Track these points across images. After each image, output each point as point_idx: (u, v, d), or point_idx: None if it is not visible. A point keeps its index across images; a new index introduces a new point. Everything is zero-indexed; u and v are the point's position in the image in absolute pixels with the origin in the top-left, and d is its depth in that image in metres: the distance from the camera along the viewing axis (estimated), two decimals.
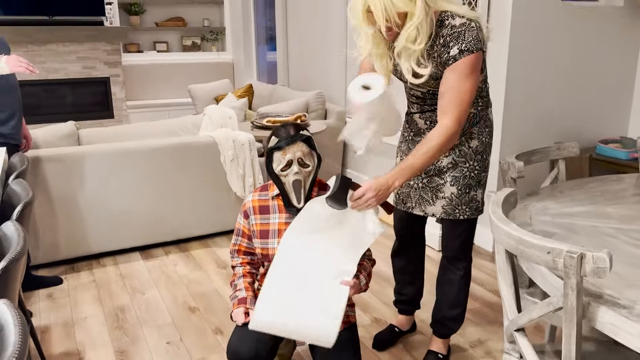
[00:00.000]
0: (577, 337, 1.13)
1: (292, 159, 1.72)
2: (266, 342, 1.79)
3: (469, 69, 1.70)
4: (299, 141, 1.73)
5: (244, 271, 1.91)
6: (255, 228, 1.88)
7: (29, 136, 2.80)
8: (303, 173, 1.75)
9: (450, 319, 2.12)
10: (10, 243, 1.19)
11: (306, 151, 1.74)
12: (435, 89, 1.82)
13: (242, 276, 1.89)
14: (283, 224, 1.84)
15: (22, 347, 0.77)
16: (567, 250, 1.07)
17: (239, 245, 1.94)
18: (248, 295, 1.83)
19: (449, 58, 1.70)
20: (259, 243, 1.88)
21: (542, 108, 3.20)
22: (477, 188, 1.97)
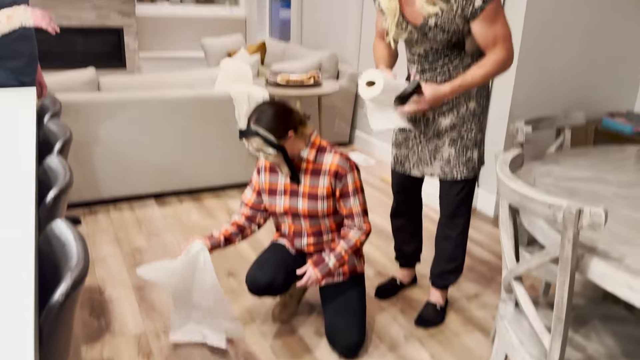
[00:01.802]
0: (570, 285, 1.24)
1: (252, 150, 1.88)
2: (281, 273, 2.00)
3: (494, 13, 1.83)
4: (251, 137, 1.84)
5: (237, 221, 2.09)
6: (265, 186, 2.05)
7: (43, 83, 2.84)
8: (270, 157, 1.88)
9: (448, 271, 2.25)
10: (57, 175, 1.30)
11: (260, 143, 1.84)
12: (440, 45, 1.93)
13: (231, 224, 2.08)
14: (288, 185, 2.00)
15: (85, 257, 0.89)
16: (566, 205, 1.18)
17: (247, 199, 2.12)
18: (218, 237, 2.01)
19: (475, 10, 1.81)
20: (267, 199, 2.06)
21: (553, 77, 3.25)
22: (474, 149, 2.07)
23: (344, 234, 2.01)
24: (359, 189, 1.98)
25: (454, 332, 2.21)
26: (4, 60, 2.39)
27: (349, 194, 1.96)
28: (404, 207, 2.33)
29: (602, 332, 1.52)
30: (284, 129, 1.87)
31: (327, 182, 1.96)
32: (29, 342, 0.68)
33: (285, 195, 2.02)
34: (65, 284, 0.80)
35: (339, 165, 1.94)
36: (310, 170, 1.98)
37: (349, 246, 1.98)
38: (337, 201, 1.99)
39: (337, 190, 1.96)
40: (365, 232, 2.00)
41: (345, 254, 1.98)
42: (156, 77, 3.55)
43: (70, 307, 0.82)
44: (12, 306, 0.77)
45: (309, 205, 1.99)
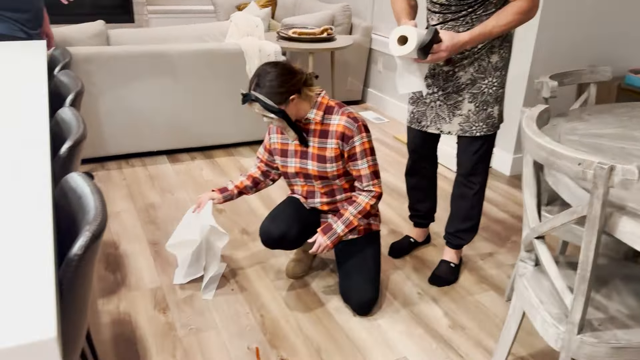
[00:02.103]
0: (597, 244, 1.21)
1: (257, 114, 1.86)
2: (295, 226, 2.00)
3: None
4: (251, 102, 1.82)
5: (252, 174, 2.14)
6: (277, 146, 2.04)
7: (51, 34, 2.80)
8: (274, 121, 1.86)
9: (463, 231, 2.22)
10: (70, 126, 1.27)
11: (261, 108, 1.82)
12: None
13: (247, 177, 2.14)
14: (299, 146, 1.98)
15: (103, 210, 0.86)
16: (598, 162, 1.13)
17: (261, 156, 2.15)
18: (231, 191, 2.11)
19: None
20: (279, 160, 2.05)
21: (577, 30, 3.12)
22: (494, 104, 2.01)
23: (354, 198, 1.98)
24: (368, 150, 1.92)
25: (467, 290, 2.21)
26: (10, 12, 2.38)
27: (357, 156, 1.91)
28: (419, 166, 2.28)
29: (624, 292, 1.50)
30: (285, 92, 1.81)
31: (334, 143, 1.91)
32: (50, 295, 0.67)
33: (296, 157, 2.00)
34: (84, 237, 0.77)
35: (345, 126, 1.88)
36: (318, 131, 1.93)
37: (357, 211, 1.95)
38: (346, 163, 1.95)
39: (345, 152, 1.91)
40: (375, 195, 1.96)
41: (354, 218, 1.95)
42: (166, 31, 3.46)
43: (90, 259, 0.80)
44: (32, 260, 0.75)
45: (319, 167, 1.96)
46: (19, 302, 0.66)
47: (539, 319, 1.43)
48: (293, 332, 1.92)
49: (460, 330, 1.97)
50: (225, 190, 2.12)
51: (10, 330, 0.60)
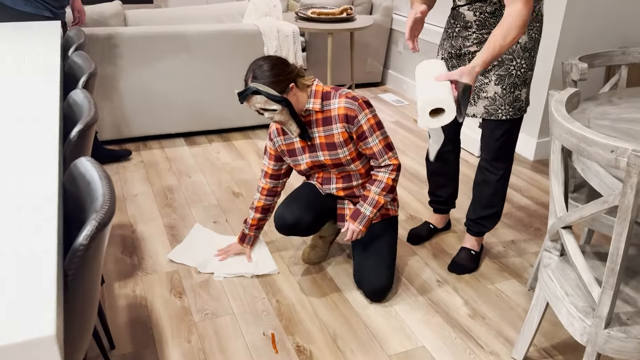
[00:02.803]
0: (628, 236, 1.15)
1: (255, 109, 1.79)
2: (309, 213, 1.96)
3: None
4: (250, 96, 1.75)
5: (259, 204, 2.11)
6: (284, 148, 1.99)
7: (82, 10, 2.80)
8: (276, 115, 1.79)
9: (485, 217, 2.16)
10: (82, 109, 1.24)
11: (263, 100, 1.75)
12: None
13: (255, 209, 2.12)
14: (304, 142, 1.94)
15: (112, 197, 0.83)
16: (632, 149, 1.06)
17: (267, 167, 2.08)
18: (249, 234, 2.16)
19: None
20: (290, 160, 2.01)
21: (606, 10, 2.99)
22: (522, 87, 1.92)
23: (374, 177, 1.94)
24: (375, 125, 1.86)
25: (489, 278, 2.15)
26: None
27: (365, 134, 1.86)
28: (441, 150, 2.21)
29: None
30: (284, 80, 1.77)
31: (340, 127, 1.86)
32: (52, 290, 0.64)
33: (305, 153, 1.96)
34: (90, 226, 0.74)
35: (346, 107, 1.83)
36: (320, 119, 1.88)
37: (380, 189, 1.91)
38: (357, 144, 1.90)
39: (353, 133, 1.87)
40: (394, 168, 1.91)
41: (380, 196, 1.91)
42: (183, 11, 3.42)
43: (96, 249, 0.77)
44: (35, 249, 0.72)
45: (330, 155, 1.92)
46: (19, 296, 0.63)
47: (564, 312, 1.37)
48: (309, 318, 1.90)
49: (480, 320, 1.92)
50: (245, 237, 2.18)
51: (7, 327, 0.57)
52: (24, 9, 2.41)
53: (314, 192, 2.04)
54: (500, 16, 1.83)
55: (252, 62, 1.79)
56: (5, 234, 0.75)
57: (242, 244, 2.19)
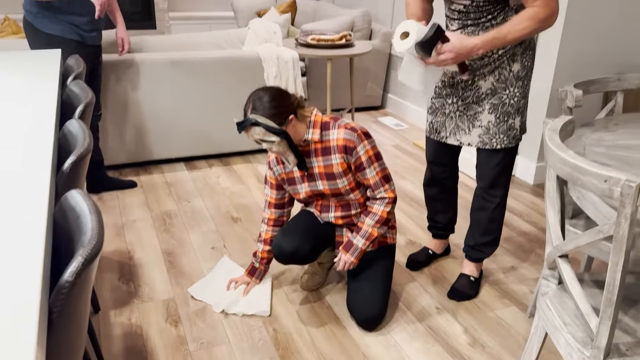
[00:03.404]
0: (624, 266, 1.14)
1: (254, 140, 1.78)
2: (308, 242, 1.95)
3: None
4: (248, 126, 1.75)
5: (267, 236, 2.07)
6: (283, 176, 1.99)
7: (125, 37, 2.82)
8: (274, 146, 1.78)
9: (483, 244, 2.15)
10: (76, 139, 1.25)
11: (262, 131, 1.75)
12: (480, 1, 1.76)
13: (264, 242, 2.08)
14: (302, 171, 1.94)
15: (100, 232, 0.83)
16: (625, 179, 1.06)
17: (270, 197, 2.06)
18: (259, 267, 2.10)
19: None
20: (289, 189, 2.01)
21: (603, 35, 3.02)
22: (516, 116, 1.93)
23: (369, 208, 1.93)
24: (373, 157, 1.86)
25: (488, 305, 2.13)
26: (66, 15, 2.46)
27: (363, 165, 1.85)
28: (438, 177, 2.21)
29: None
30: (283, 112, 1.77)
31: (339, 158, 1.86)
32: (33, 325, 0.63)
33: (304, 182, 1.95)
34: (76, 262, 0.74)
35: (345, 138, 1.83)
36: (319, 149, 1.88)
37: (374, 221, 1.90)
38: (355, 174, 1.90)
39: (352, 164, 1.86)
40: (389, 201, 1.90)
41: (373, 229, 1.90)
42: (185, 38, 3.46)
43: (83, 286, 0.77)
44: (19, 286, 0.72)
45: (330, 185, 1.91)
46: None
47: (563, 342, 1.35)
48: (306, 347, 1.88)
49: (480, 348, 1.90)
50: (255, 270, 2.11)
51: None
52: (53, 32, 2.46)
53: (311, 220, 2.04)
54: None
55: (253, 93, 1.79)
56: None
57: (251, 277, 2.12)
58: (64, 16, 2.44)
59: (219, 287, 2.14)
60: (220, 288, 2.13)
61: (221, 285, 2.14)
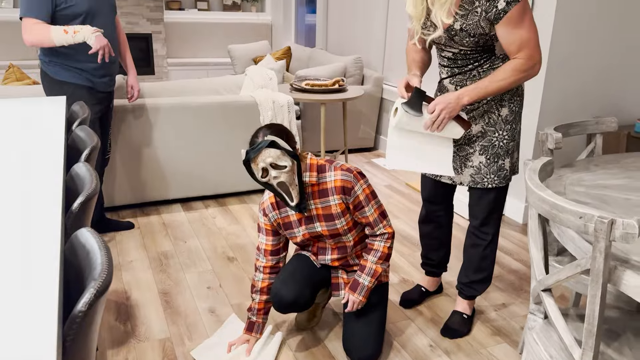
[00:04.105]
0: (602, 298, 1.20)
1: (265, 165, 1.76)
2: (307, 288, 1.95)
3: (521, 16, 1.76)
4: (265, 148, 1.75)
5: (263, 285, 2.02)
6: (279, 221, 1.99)
7: (135, 85, 2.91)
8: (283, 174, 1.78)
9: (476, 281, 2.20)
10: (84, 182, 1.32)
11: (276, 154, 1.76)
12: (468, 48, 1.87)
13: (260, 291, 2.02)
14: (300, 215, 1.95)
15: (109, 267, 0.89)
16: (598, 216, 1.14)
17: (265, 244, 2.03)
18: (257, 320, 2.03)
19: (499, 12, 1.75)
20: (285, 233, 2.01)
21: (584, 81, 3.17)
22: (505, 157, 2.02)
23: (370, 246, 1.97)
24: (370, 195, 1.92)
25: (481, 342, 2.17)
26: (75, 62, 2.56)
27: (362, 204, 1.90)
28: (433, 215, 2.29)
29: (636, 345, 1.46)
30: (294, 141, 1.84)
31: (337, 199, 1.90)
32: (52, 352, 0.69)
33: (302, 225, 1.96)
34: (89, 293, 0.80)
35: (343, 179, 1.88)
36: (316, 192, 1.91)
37: (377, 258, 1.94)
38: (353, 214, 1.94)
39: (350, 204, 1.90)
40: (389, 237, 1.95)
41: (377, 266, 1.94)
42: (183, 83, 3.59)
43: (94, 316, 0.83)
44: (36, 316, 0.78)
45: (328, 226, 1.94)
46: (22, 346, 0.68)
47: None
48: None
49: None
50: (252, 325, 2.04)
51: None
52: (65, 79, 2.55)
53: (307, 265, 2.05)
54: None
55: (260, 127, 1.82)
56: (7, 302, 0.81)
57: (250, 333, 2.03)
58: (73, 63, 2.54)
59: (223, 349, 2.04)
60: (224, 351, 2.03)
61: (226, 348, 2.05)
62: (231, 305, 2.36)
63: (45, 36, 2.38)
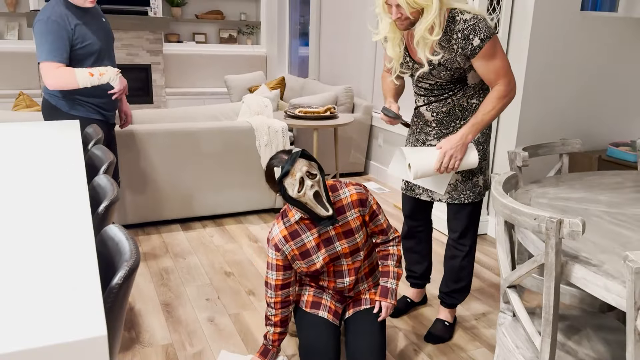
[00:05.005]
0: (556, 289, 1.39)
1: (302, 175, 1.81)
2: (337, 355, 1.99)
3: (493, 50, 2.00)
4: (298, 158, 1.84)
5: (276, 319, 2.05)
6: (295, 253, 1.99)
7: (128, 112, 3.07)
8: (316, 183, 1.85)
9: (456, 290, 2.38)
10: (105, 190, 1.51)
11: (308, 163, 1.85)
12: (444, 80, 2.10)
13: (274, 325, 2.06)
14: (317, 238, 1.98)
15: (136, 251, 1.08)
16: (548, 217, 1.34)
17: (275, 280, 2.02)
18: (272, 349, 2.08)
19: (474, 49, 1.98)
20: (303, 264, 2.00)
21: (558, 109, 3.42)
22: (479, 175, 2.24)
23: (385, 252, 2.10)
24: (378, 204, 2.08)
25: (461, 347, 2.33)
26: (92, 98, 2.69)
27: (376, 212, 2.03)
28: (414, 230, 2.48)
29: (594, 339, 1.65)
30: None
31: (355, 213, 1.99)
32: (100, 312, 0.87)
33: (321, 249, 1.99)
34: (123, 270, 0.98)
35: (358, 193, 1.99)
36: None
37: (396, 261, 2.08)
38: (368, 224, 2.05)
39: (366, 215, 2.01)
40: (399, 240, 2.11)
41: (398, 268, 2.08)
42: (183, 110, 3.81)
43: (126, 289, 1.00)
44: (83, 287, 0.95)
45: (348, 243, 2.00)
46: (75, 309, 0.86)
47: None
48: None
49: None
50: (267, 352, 2.08)
51: (71, 329, 0.80)
52: (79, 114, 2.67)
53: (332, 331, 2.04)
54: (454, 116, 2.18)
55: (275, 154, 1.90)
56: (60, 280, 0.98)
57: (263, 358, 2.08)
58: (88, 98, 2.67)
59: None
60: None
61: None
62: (229, 315, 2.51)
63: (71, 80, 2.48)
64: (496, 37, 2.02)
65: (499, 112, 2.08)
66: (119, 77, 2.59)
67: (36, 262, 1.04)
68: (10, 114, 3.22)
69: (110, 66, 2.64)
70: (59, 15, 2.49)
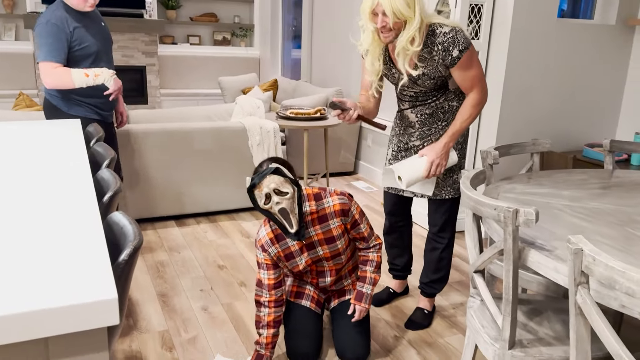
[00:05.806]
0: (514, 272, 1.55)
1: (268, 191, 1.87)
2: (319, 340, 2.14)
3: (470, 60, 2.18)
4: (269, 174, 1.87)
5: (270, 318, 2.09)
6: (280, 255, 2.10)
7: (124, 112, 3.18)
8: (285, 201, 1.90)
9: (435, 281, 2.54)
10: (108, 183, 1.65)
11: (280, 181, 1.88)
12: (427, 88, 2.26)
13: (267, 325, 2.10)
14: (300, 243, 2.08)
15: (139, 233, 1.23)
16: (506, 207, 1.50)
17: (267, 279, 2.09)
18: (266, 354, 2.11)
19: (454, 59, 2.15)
20: (287, 264, 2.13)
21: (536, 112, 3.60)
22: (458, 172, 2.40)
23: (365, 258, 2.20)
24: (362, 212, 2.15)
25: (439, 333, 2.49)
26: (89, 98, 2.81)
27: (357, 222, 2.13)
28: (395, 225, 2.64)
29: (554, 320, 1.81)
30: (293, 172, 1.99)
31: (337, 221, 2.08)
32: (110, 280, 1.02)
33: (304, 253, 2.10)
34: (129, 248, 1.13)
35: (340, 203, 2.07)
36: (316, 219, 2.07)
37: (374, 267, 2.20)
38: (349, 232, 2.15)
39: (348, 224, 2.11)
40: (379, 247, 2.23)
41: (375, 274, 2.19)
42: (178, 111, 3.96)
43: (131, 265, 1.15)
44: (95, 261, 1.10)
45: (330, 249, 2.11)
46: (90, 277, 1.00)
47: (482, 341, 1.73)
48: None
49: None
50: (261, 357, 2.11)
51: (85, 291, 0.95)
52: (77, 114, 2.79)
53: (314, 319, 2.22)
54: (436, 117, 2.34)
55: (263, 160, 1.96)
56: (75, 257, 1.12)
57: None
58: (86, 99, 2.79)
59: None
60: None
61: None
62: (222, 304, 2.66)
63: (67, 80, 2.61)
64: (473, 47, 2.18)
65: (474, 118, 2.26)
66: (114, 79, 2.71)
67: (53, 241, 1.19)
68: (12, 114, 3.36)
69: (106, 68, 2.77)
70: (58, 19, 2.63)
